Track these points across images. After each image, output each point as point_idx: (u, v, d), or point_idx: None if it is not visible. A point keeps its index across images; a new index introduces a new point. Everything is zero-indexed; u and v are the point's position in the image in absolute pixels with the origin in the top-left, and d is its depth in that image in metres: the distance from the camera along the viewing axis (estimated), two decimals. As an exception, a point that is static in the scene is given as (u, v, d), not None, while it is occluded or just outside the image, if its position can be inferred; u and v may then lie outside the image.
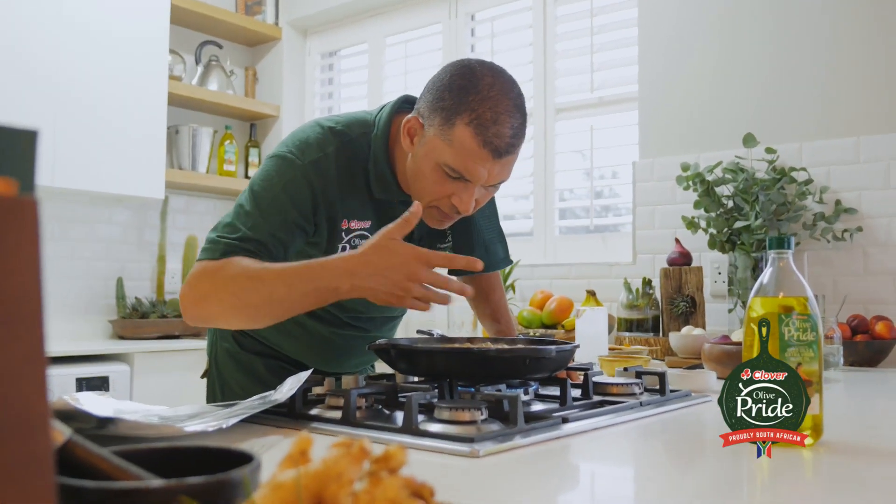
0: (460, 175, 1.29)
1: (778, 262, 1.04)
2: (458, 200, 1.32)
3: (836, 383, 1.77)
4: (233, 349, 1.65)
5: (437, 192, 1.32)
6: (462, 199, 1.31)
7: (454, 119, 1.27)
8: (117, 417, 0.80)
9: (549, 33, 3.23)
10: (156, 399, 2.93)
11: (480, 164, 1.28)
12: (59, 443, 0.47)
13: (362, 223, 1.41)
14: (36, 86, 2.94)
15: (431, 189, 1.33)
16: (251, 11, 4.04)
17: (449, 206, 1.34)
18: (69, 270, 3.40)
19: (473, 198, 1.32)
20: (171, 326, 3.38)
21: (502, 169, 1.31)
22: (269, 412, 1.09)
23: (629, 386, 1.34)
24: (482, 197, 1.36)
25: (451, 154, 1.28)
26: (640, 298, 2.51)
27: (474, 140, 1.26)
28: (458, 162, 1.27)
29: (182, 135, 3.66)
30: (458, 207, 1.33)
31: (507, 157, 1.29)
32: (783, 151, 2.46)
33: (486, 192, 1.36)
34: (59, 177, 2.99)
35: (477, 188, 1.32)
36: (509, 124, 1.28)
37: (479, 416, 1.01)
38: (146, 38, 3.29)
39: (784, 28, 2.54)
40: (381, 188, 1.41)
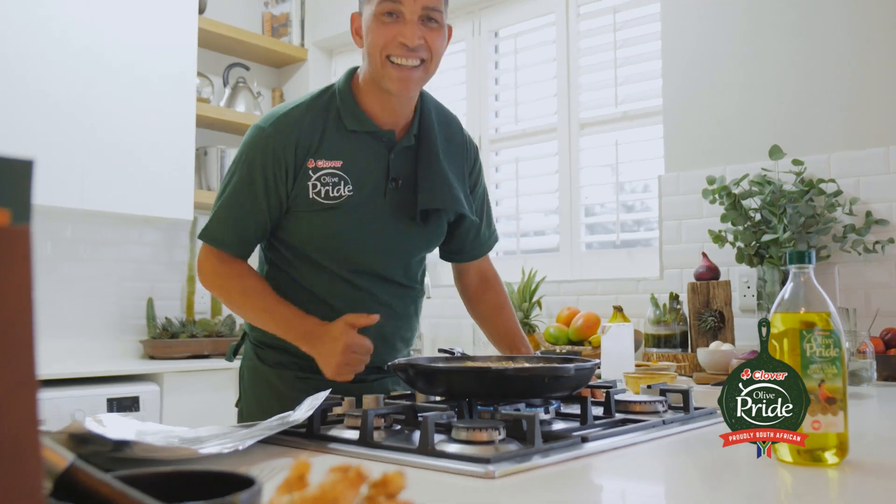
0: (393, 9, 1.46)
1: (799, 276, 1.02)
2: (402, 36, 1.46)
3: (868, 399, 1.73)
4: (253, 364, 1.68)
5: (384, 37, 1.47)
6: (404, 33, 1.46)
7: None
8: (132, 440, 0.80)
9: (572, 48, 3.23)
10: (185, 419, 2.96)
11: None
12: (61, 468, 0.48)
13: (332, 162, 1.53)
14: (67, 109, 3.00)
15: (377, 39, 1.48)
16: (277, 33, 4.09)
17: (398, 47, 1.47)
18: (101, 291, 3.45)
19: (416, 30, 1.46)
20: (200, 346, 3.40)
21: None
22: (287, 433, 1.09)
23: (652, 404, 1.32)
24: (429, 34, 1.49)
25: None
26: (667, 314, 2.48)
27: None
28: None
29: (210, 156, 3.71)
30: (404, 41, 1.46)
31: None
32: (811, 163, 2.43)
33: (430, 28, 1.49)
34: (90, 199, 3.04)
35: (418, 25, 1.47)
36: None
37: (497, 436, 1.00)
38: (174, 62, 3.34)
39: (808, 37, 2.51)
40: (351, 118, 1.55)
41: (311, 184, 1.51)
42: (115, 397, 2.79)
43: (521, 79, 3.42)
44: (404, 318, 1.69)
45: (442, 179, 1.61)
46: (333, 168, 1.52)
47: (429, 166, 1.60)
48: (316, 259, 1.58)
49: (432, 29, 1.50)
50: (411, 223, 1.60)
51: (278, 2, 4.10)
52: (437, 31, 1.50)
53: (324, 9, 4.03)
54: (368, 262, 1.59)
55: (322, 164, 1.51)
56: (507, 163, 3.44)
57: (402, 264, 1.64)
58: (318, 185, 1.51)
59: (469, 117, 3.48)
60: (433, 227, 1.65)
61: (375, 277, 1.61)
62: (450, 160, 1.66)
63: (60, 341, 3.29)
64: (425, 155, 1.60)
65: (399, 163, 1.58)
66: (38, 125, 2.91)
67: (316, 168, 1.51)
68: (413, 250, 1.66)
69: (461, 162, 1.70)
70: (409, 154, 1.61)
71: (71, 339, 3.33)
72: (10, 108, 2.84)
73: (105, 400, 2.75)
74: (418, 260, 1.70)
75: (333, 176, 1.52)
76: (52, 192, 2.95)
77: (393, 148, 1.58)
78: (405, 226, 1.60)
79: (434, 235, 1.68)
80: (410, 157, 1.61)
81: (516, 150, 3.42)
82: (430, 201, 1.57)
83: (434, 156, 1.61)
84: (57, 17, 2.98)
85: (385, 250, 1.60)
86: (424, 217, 1.60)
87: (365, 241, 1.56)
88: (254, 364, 1.68)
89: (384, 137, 1.57)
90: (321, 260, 1.57)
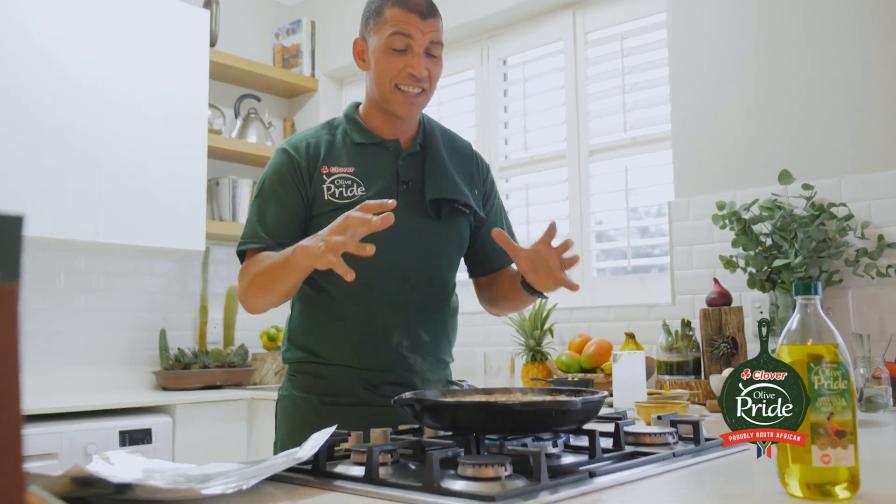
0: (404, 44, 1.61)
1: (806, 307, 1.01)
2: (411, 66, 1.61)
3: (884, 427, 1.70)
4: (287, 392, 1.74)
5: (393, 68, 1.62)
6: (412, 64, 1.61)
7: (381, 10, 1.64)
8: (135, 483, 0.80)
9: (580, 75, 3.24)
10: (197, 450, 2.96)
11: (412, 26, 1.61)
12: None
13: (345, 168, 1.66)
14: (81, 145, 3.03)
15: (388, 69, 1.63)
16: (288, 64, 4.14)
17: (406, 77, 1.62)
18: (115, 322, 3.47)
19: (422, 63, 1.62)
20: (212, 377, 3.41)
21: (431, 29, 1.62)
22: (293, 470, 1.09)
23: (662, 435, 1.30)
24: (432, 66, 1.64)
25: (389, 31, 1.61)
26: (679, 340, 2.46)
27: (401, 11, 1.61)
28: (400, 30, 1.60)
29: (222, 187, 3.74)
30: (413, 73, 1.61)
31: (430, 18, 1.62)
32: (821, 187, 2.42)
33: (432, 61, 1.64)
34: (104, 232, 3.07)
35: (422, 57, 1.61)
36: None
37: (504, 472, 0.99)
38: (186, 95, 3.38)
39: (817, 61, 2.51)
40: (357, 134, 1.71)
41: (326, 186, 1.64)
42: (128, 430, 2.79)
43: (530, 106, 3.43)
44: (433, 320, 1.70)
45: (446, 175, 1.72)
46: (346, 173, 1.66)
47: (434, 165, 1.72)
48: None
49: (434, 62, 1.66)
50: (426, 219, 1.68)
51: (289, 33, 4.15)
52: (438, 63, 1.68)
53: (333, 40, 4.07)
54: (388, 261, 1.61)
55: (335, 170, 1.66)
56: (517, 190, 3.44)
57: (424, 265, 1.68)
58: (332, 187, 1.64)
59: (479, 145, 3.49)
60: (449, 223, 1.72)
61: (398, 280, 1.64)
62: (455, 164, 1.77)
63: (74, 373, 3.31)
64: (430, 158, 1.73)
65: (407, 167, 1.71)
66: (54, 161, 2.95)
67: (330, 173, 1.66)
68: (432, 248, 1.70)
69: (469, 169, 1.80)
70: (415, 159, 1.73)
71: (85, 370, 3.34)
72: (25, 146, 2.88)
73: (117, 433, 2.76)
74: (444, 263, 1.73)
75: (346, 179, 1.66)
76: (68, 225, 2.98)
77: (400, 155, 1.71)
78: (420, 222, 1.68)
79: (452, 234, 1.72)
80: (418, 162, 1.73)
81: (526, 176, 3.42)
82: (437, 191, 1.68)
83: (438, 157, 1.74)
84: (69, 55, 3.03)
85: (403, 246, 1.64)
86: (436, 210, 1.69)
87: (381, 237, 1.57)
88: (288, 392, 1.74)
89: (390, 146, 1.71)
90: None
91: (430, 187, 1.68)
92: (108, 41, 3.15)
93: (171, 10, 3.38)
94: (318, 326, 1.68)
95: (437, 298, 1.73)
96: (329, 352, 1.67)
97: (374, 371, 1.65)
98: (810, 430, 0.96)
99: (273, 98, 4.20)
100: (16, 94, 2.87)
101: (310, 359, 1.69)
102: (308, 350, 1.70)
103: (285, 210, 1.64)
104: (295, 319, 1.73)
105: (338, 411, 1.62)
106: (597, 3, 3.23)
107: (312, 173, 1.66)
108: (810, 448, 0.96)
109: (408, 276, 1.66)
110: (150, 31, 3.28)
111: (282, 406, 1.75)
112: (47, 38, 2.97)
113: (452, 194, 1.70)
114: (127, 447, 2.74)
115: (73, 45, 3.04)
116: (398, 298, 1.65)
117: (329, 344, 1.67)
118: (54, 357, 3.27)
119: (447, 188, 1.70)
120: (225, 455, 2.97)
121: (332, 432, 1.12)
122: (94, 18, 3.11)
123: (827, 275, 2.32)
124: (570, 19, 3.29)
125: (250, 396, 3.24)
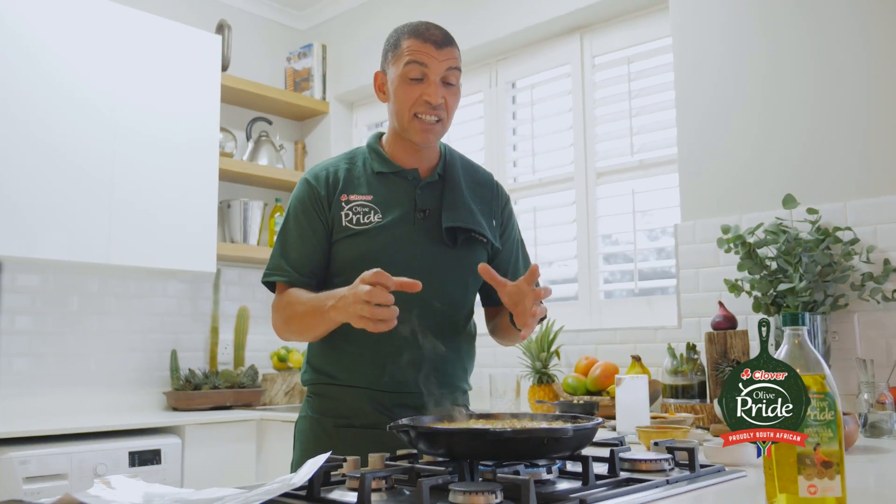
0: (420, 73, 1.66)
1: (793, 339, 1.02)
2: (427, 94, 1.65)
3: (888, 453, 1.69)
4: (305, 414, 1.78)
5: (411, 97, 1.67)
6: (428, 92, 1.66)
7: (398, 43, 1.69)
8: (125, 510, 0.82)
9: (587, 98, 3.26)
10: (206, 471, 2.97)
11: (427, 56, 1.66)
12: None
13: (363, 196, 1.72)
14: (93, 167, 3.08)
15: (406, 98, 1.67)
16: (299, 88, 4.19)
17: (423, 105, 1.66)
18: (127, 343, 3.50)
19: (438, 91, 1.66)
20: (222, 397, 3.43)
21: (446, 57, 1.67)
22: (288, 495, 1.10)
23: (658, 462, 1.31)
24: (448, 95, 1.69)
25: (405, 60, 1.66)
26: (684, 364, 2.46)
27: (417, 41, 1.66)
28: (416, 59, 1.65)
29: (234, 209, 3.78)
30: (429, 100, 1.65)
31: (445, 48, 1.67)
32: (827, 211, 2.42)
33: (449, 90, 1.69)
34: (116, 254, 3.11)
35: (438, 85, 1.66)
36: (436, 26, 1.71)
37: (494, 500, 1.00)
38: (198, 120, 3.43)
39: (823, 85, 2.51)
40: (378, 161, 1.76)
41: (344, 213, 1.70)
42: (137, 450, 2.82)
43: (538, 129, 3.46)
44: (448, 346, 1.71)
45: (464, 204, 1.75)
46: (364, 200, 1.71)
47: (452, 195, 1.75)
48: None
49: (451, 91, 1.70)
50: (441, 246, 1.71)
51: (300, 57, 4.20)
52: (454, 93, 1.72)
53: (344, 64, 4.12)
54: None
55: (354, 198, 1.71)
56: (525, 212, 3.46)
57: (439, 291, 1.69)
58: (350, 213, 1.70)
59: (488, 167, 3.50)
60: (465, 251, 1.74)
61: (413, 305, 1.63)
62: (474, 195, 1.79)
63: (87, 394, 3.35)
64: (449, 187, 1.76)
65: (425, 196, 1.74)
66: (66, 185, 3.00)
67: (348, 200, 1.71)
68: (447, 275, 1.72)
69: (488, 200, 1.82)
70: (434, 188, 1.76)
71: (97, 391, 3.38)
72: (38, 170, 2.94)
73: (127, 453, 2.78)
74: (459, 290, 1.76)
75: (364, 206, 1.71)
76: (80, 248, 3.03)
77: (418, 184, 1.75)
78: (436, 250, 1.71)
79: (467, 261, 1.73)
80: (436, 192, 1.76)
81: (534, 199, 3.44)
82: (453, 219, 1.71)
83: (457, 187, 1.77)
84: (83, 81, 3.09)
85: (418, 272, 1.63)
86: (452, 238, 1.71)
87: (396, 264, 1.61)
88: (306, 413, 1.78)
89: (409, 176, 1.75)
90: None
91: (446, 216, 1.71)
92: (121, 67, 3.20)
93: (184, 36, 3.43)
94: (334, 349, 1.71)
95: (452, 324, 1.75)
96: (343, 373, 1.71)
97: (386, 393, 1.68)
98: (797, 460, 0.97)
99: (284, 121, 4.25)
100: (30, 120, 2.93)
101: (325, 380, 1.74)
102: (324, 372, 1.74)
103: (307, 239, 1.72)
104: (314, 342, 1.77)
105: (350, 433, 1.66)
106: (604, 27, 3.26)
107: (332, 201, 1.71)
108: (796, 478, 0.97)
109: (423, 301, 1.65)
110: (162, 56, 3.34)
111: (299, 427, 1.79)
112: (61, 65, 3.03)
113: (468, 223, 1.73)
114: (136, 468, 2.76)
115: (86, 71, 3.10)
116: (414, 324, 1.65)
117: (343, 365, 1.71)
118: (67, 378, 3.30)
119: (463, 217, 1.73)
120: (234, 476, 2.98)
121: (326, 458, 1.13)
122: (108, 45, 3.17)
123: (832, 299, 2.31)
124: (577, 43, 3.32)
125: (260, 417, 3.26)
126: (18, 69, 2.92)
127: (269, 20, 4.26)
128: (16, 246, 2.88)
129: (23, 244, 2.90)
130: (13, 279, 3.21)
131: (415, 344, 1.64)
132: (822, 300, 2.30)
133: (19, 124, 2.90)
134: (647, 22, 3.12)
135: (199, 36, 3.50)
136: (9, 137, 2.88)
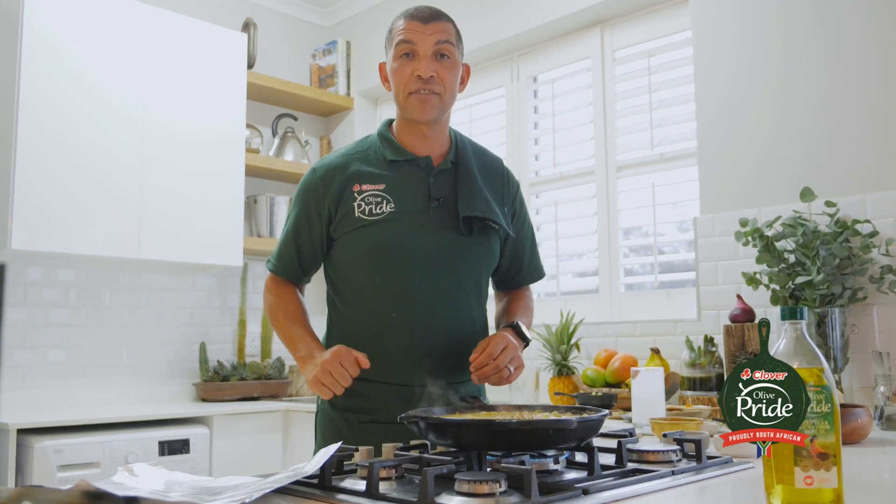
0: (409, 49, 1.68)
1: (791, 332, 1.04)
2: (417, 70, 1.66)
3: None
4: (324, 408, 1.79)
5: (405, 73, 1.68)
6: (419, 66, 1.67)
7: (391, 29, 1.73)
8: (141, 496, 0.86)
9: (608, 92, 3.27)
10: (233, 461, 3.04)
11: (414, 32, 1.68)
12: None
13: (375, 186, 1.71)
14: (124, 166, 3.16)
15: (399, 76, 1.69)
16: (324, 84, 4.24)
17: (416, 80, 1.67)
18: (158, 337, 3.59)
19: (428, 64, 1.67)
20: (249, 389, 3.50)
21: (433, 31, 1.68)
22: (300, 483, 1.15)
23: (665, 453, 1.33)
24: (441, 68, 1.69)
25: (397, 41, 1.69)
26: (701, 356, 2.48)
27: (404, 20, 1.70)
28: (403, 38, 1.68)
29: (260, 204, 3.84)
30: (419, 74, 1.66)
31: (433, 22, 1.69)
32: (846, 204, 2.41)
33: (442, 64, 1.69)
34: (145, 249, 3.19)
35: (429, 59, 1.67)
36: (427, 6, 1.74)
37: (499, 489, 1.03)
38: (224, 117, 3.50)
39: (841, 78, 2.50)
40: (390, 150, 1.75)
41: (357, 203, 1.69)
42: (167, 440, 2.89)
43: (559, 123, 3.47)
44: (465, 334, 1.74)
45: (479, 193, 1.74)
46: (377, 190, 1.70)
47: (466, 183, 1.75)
48: (368, 284, 1.71)
49: (444, 64, 1.70)
50: (457, 234, 1.71)
51: (325, 54, 4.25)
52: (448, 66, 1.71)
53: (368, 59, 4.16)
54: (419, 278, 1.68)
55: (366, 188, 1.70)
56: (546, 206, 3.48)
57: (455, 282, 1.72)
58: (362, 204, 1.69)
59: (509, 161, 3.54)
60: (480, 239, 1.74)
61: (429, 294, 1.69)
62: (487, 182, 1.79)
63: (119, 385, 3.44)
64: (463, 175, 1.76)
65: (439, 184, 1.73)
66: (98, 183, 3.09)
67: (361, 191, 1.70)
68: (463, 264, 1.73)
69: (500, 187, 1.82)
70: (447, 176, 1.75)
71: (129, 382, 3.47)
72: (71, 170, 3.02)
73: (157, 443, 2.86)
74: (474, 278, 1.77)
75: (377, 196, 1.70)
76: (111, 243, 3.11)
77: (431, 172, 1.74)
78: (451, 238, 1.71)
79: (483, 251, 1.75)
80: (450, 180, 1.75)
81: (555, 192, 3.46)
82: (470, 209, 1.71)
83: (471, 175, 1.76)
84: (112, 84, 3.17)
85: (434, 261, 1.69)
86: (468, 227, 1.71)
87: (412, 253, 1.67)
88: (325, 407, 1.78)
89: (422, 163, 1.74)
90: (373, 281, 1.70)
91: (463, 205, 1.70)
92: (149, 67, 3.27)
93: (210, 35, 3.50)
94: (355, 344, 1.67)
95: (469, 314, 1.77)
96: (376, 370, 1.66)
97: (409, 387, 1.68)
98: (793, 451, 0.99)
99: (309, 117, 4.31)
100: (61, 123, 3.02)
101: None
102: None
103: (298, 234, 1.78)
104: (338, 338, 1.74)
105: (373, 429, 1.65)
106: (624, 20, 3.26)
107: (344, 192, 1.70)
108: (793, 469, 0.99)
109: (439, 290, 1.70)
110: (189, 55, 3.41)
111: (320, 419, 1.80)
112: (90, 68, 3.11)
113: (485, 213, 1.72)
114: (165, 457, 2.83)
115: (114, 72, 3.17)
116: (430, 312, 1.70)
117: (378, 362, 1.66)
118: (100, 370, 3.40)
119: (480, 206, 1.72)
120: (260, 464, 3.05)
121: (337, 447, 1.18)
122: (135, 45, 3.24)
123: (851, 292, 2.31)
124: (598, 37, 3.33)
125: (286, 408, 3.33)
126: (49, 76, 3.00)
127: (294, 18, 4.32)
128: (53, 242, 2.98)
129: (60, 241, 2.99)
130: (52, 274, 3.31)
131: (443, 337, 1.68)
132: (840, 293, 2.29)
133: (51, 128, 2.99)
134: (667, 16, 3.12)
135: (226, 34, 3.56)
136: (42, 141, 2.96)
